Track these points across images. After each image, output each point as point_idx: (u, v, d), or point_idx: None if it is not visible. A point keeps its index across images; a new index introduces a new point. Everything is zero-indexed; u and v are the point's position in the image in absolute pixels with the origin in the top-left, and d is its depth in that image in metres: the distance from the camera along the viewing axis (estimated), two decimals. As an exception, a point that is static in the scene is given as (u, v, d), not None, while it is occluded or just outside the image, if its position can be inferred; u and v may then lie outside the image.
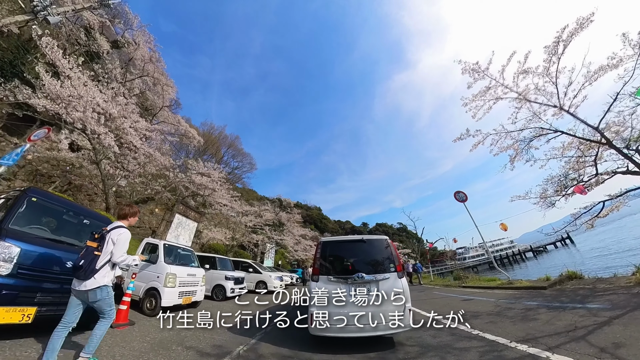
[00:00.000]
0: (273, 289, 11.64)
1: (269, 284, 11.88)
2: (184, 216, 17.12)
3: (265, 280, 12.00)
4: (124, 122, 10.94)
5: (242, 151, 40.55)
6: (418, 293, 10.99)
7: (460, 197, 11.96)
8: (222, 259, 10.80)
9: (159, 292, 6.09)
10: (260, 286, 12.03)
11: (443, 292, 10.33)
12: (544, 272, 9.85)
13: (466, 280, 12.38)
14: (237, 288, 9.79)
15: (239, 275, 10.26)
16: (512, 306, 6.31)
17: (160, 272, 6.38)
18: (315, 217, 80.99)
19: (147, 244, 7.15)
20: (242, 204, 22.34)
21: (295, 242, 38.54)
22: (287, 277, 15.69)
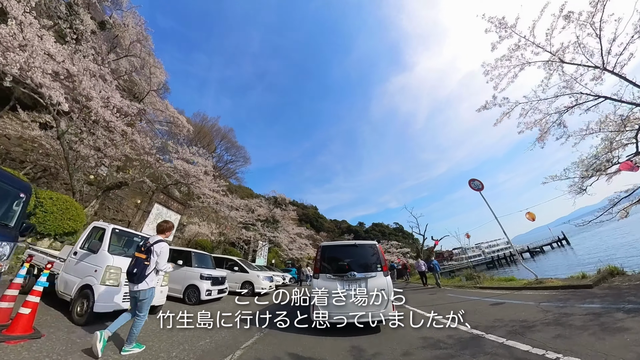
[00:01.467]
0: (261, 291, 10.03)
1: (256, 285, 10.24)
2: (164, 206, 15.37)
3: (251, 281, 10.36)
4: (90, 86, 9.14)
5: (235, 144, 38.70)
6: (430, 296, 9.50)
7: (475, 185, 10.54)
8: (199, 254, 9.13)
9: (92, 292, 4.42)
10: (247, 287, 10.38)
11: (460, 295, 8.85)
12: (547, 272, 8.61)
13: (481, 280, 10.95)
14: (215, 289, 8.13)
15: (219, 274, 8.60)
16: (567, 311, 4.84)
17: (99, 264, 4.72)
18: (312, 216, 79.50)
19: (94, 228, 5.50)
20: (234, 197, 20.60)
21: (290, 241, 36.82)
22: (279, 277, 14.04)
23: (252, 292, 10.13)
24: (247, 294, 10.22)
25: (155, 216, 14.75)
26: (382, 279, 4.66)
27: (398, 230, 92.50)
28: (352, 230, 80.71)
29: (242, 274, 10.66)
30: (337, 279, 4.65)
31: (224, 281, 8.87)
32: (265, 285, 10.37)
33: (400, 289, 4.92)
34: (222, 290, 8.63)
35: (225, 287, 8.85)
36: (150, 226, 14.32)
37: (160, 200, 15.11)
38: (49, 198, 8.91)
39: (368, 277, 4.64)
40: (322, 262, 4.92)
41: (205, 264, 9.11)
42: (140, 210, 14.13)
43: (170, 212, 15.69)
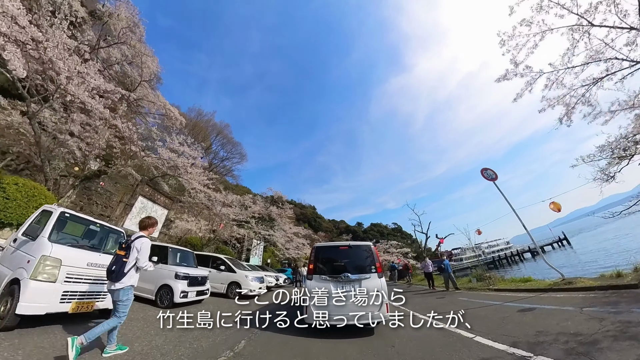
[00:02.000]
0: (249, 293, 8.91)
1: (244, 286, 9.11)
2: (150, 200, 14.18)
3: (238, 281, 9.21)
4: (56, 56, 8.00)
5: (232, 140, 37.45)
6: (438, 300, 8.41)
7: (488, 174, 9.48)
8: (178, 250, 8.00)
9: (19, 287, 3.41)
10: (233, 289, 9.24)
11: (474, 299, 7.77)
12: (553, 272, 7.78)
13: (493, 281, 9.89)
14: (192, 291, 7.00)
15: (198, 273, 7.47)
16: (628, 318, 3.78)
17: (34, 253, 3.69)
18: (310, 216, 78.50)
19: (44, 212, 4.49)
20: (227, 193, 19.43)
21: (287, 240, 35.66)
22: (271, 277, 12.88)
23: (239, 294, 8.99)
24: (234, 295, 9.09)
25: (139, 210, 13.57)
26: (377, 281, 4.58)
27: (396, 231, 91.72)
28: (351, 231, 79.73)
29: (229, 274, 9.52)
30: (331, 280, 4.59)
31: (205, 282, 7.74)
32: (254, 286, 9.24)
33: (400, 290, 4.68)
34: (202, 291, 7.50)
35: (206, 289, 7.72)
36: (133, 220, 13.16)
37: (145, 193, 13.94)
38: (13, 184, 7.81)
39: (362, 279, 4.56)
40: (316, 263, 4.87)
41: (186, 262, 8.00)
42: (122, 203, 12.95)
43: (156, 206, 14.52)
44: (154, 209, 14.37)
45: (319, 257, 4.98)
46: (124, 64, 18.84)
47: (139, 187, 13.69)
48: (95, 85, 9.91)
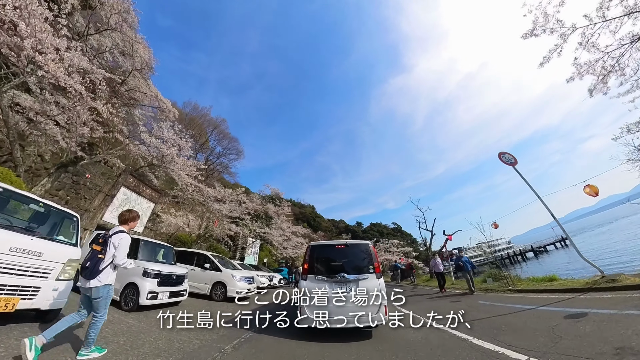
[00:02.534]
0: (235, 295, 7.79)
1: (230, 287, 7.96)
2: (134, 192, 13.00)
3: (224, 282, 8.06)
4: (18, 16, 6.88)
5: (228, 135, 36.24)
6: (454, 304, 7.30)
7: (507, 159, 8.39)
8: (152, 243, 6.87)
9: None
10: (218, 289, 8.10)
11: (496, 302, 6.68)
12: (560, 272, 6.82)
13: (513, 281, 8.80)
14: (164, 292, 5.87)
15: (173, 271, 6.34)
16: None
17: None
18: (309, 215, 77.43)
19: None
20: (219, 187, 18.26)
21: (285, 239, 34.51)
22: (264, 277, 11.74)
23: (224, 295, 7.86)
24: (218, 297, 7.95)
25: (121, 202, 12.42)
26: (375, 281, 4.39)
27: (396, 231, 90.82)
28: (350, 230, 78.71)
29: (214, 273, 8.38)
30: (327, 280, 4.40)
31: (182, 281, 6.60)
32: (241, 287, 8.09)
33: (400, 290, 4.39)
34: (177, 292, 6.36)
35: (183, 289, 6.58)
36: (114, 213, 12.00)
37: (129, 184, 12.78)
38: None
39: (360, 279, 4.37)
40: (312, 263, 4.66)
41: (163, 258, 6.89)
42: (101, 193, 11.78)
43: (141, 198, 13.35)
44: (138, 201, 13.22)
45: (315, 256, 4.73)
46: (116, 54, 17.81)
47: (121, 177, 12.53)
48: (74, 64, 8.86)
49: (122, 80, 18.35)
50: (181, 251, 9.75)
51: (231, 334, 4.53)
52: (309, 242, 32.08)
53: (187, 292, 6.84)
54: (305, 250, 5.00)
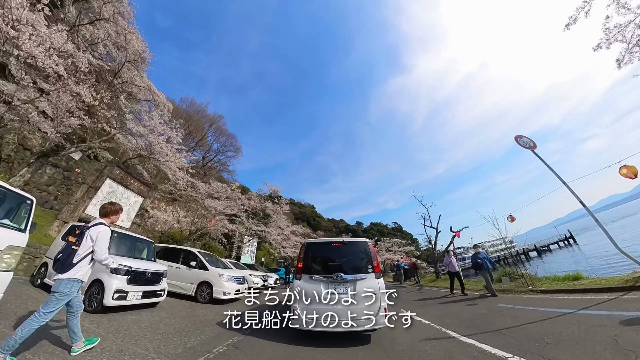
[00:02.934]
0: (222, 296, 6.93)
1: (216, 288, 7.08)
2: (120, 184, 12.14)
3: (210, 281, 7.18)
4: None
5: (226, 132, 35.37)
6: (469, 308, 6.44)
7: (524, 142, 7.54)
8: (127, 236, 6.04)
9: None
10: (204, 290, 7.22)
11: (521, 304, 5.82)
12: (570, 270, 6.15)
13: (532, 280, 7.93)
14: (136, 291, 5.02)
15: (148, 268, 5.49)
16: None
17: None
18: (309, 215, 76.76)
19: None
20: (213, 181, 17.38)
21: (283, 238, 33.65)
22: (257, 277, 10.86)
23: (210, 297, 6.99)
24: (204, 299, 7.08)
25: (106, 195, 11.57)
26: (374, 281, 4.07)
27: (397, 230, 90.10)
28: (350, 230, 77.94)
29: (200, 272, 7.51)
30: (322, 280, 4.08)
31: (159, 280, 5.74)
32: (230, 288, 7.20)
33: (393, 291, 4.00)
34: (154, 292, 5.50)
35: (160, 289, 5.72)
36: (99, 207, 11.14)
37: (116, 176, 11.93)
38: None
39: (358, 279, 4.06)
40: (306, 261, 4.37)
41: (139, 253, 6.05)
42: (84, 185, 10.93)
43: (128, 192, 12.50)
44: (125, 195, 12.36)
45: (309, 254, 4.42)
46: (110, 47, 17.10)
47: (107, 169, 11.68)
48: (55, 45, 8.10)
49: (116, 72, 17.61)
50: (167, 248, 8.91)
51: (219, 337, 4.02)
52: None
53: (166, 292, 5.97)
54: (300, 247, 4.65)
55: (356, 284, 3.96)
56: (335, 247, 4.56)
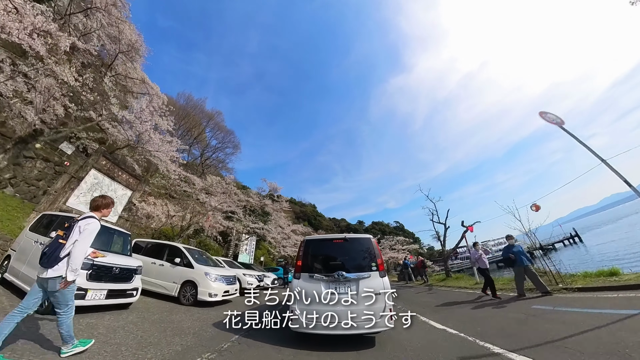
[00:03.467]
0: (208, 298, 6.02)
1: (201, 288, 6.14)
2: (107, 176, 11.26)
3: (194, 281, 6.27)
4: None
5: (224, 127, 34.46)
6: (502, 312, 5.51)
7: (551, 118, 6.62)
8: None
9: None
10: (187, 291, 6.31)
11: (565, 306, 4.90)
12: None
13: (562, 278, 7.00)
14: (96, 289, 4.13)
15: (116, 263, 4.59)
16: None
17: None
18: (310, 214, 76.03)
19: None
20: (208, 175, 16.48)
21: (283, 237, 32.76)
22: (252, 277, 9.91)
23: (194, 298, 6.08)
24: (187, 300, 6.17)
25: (91, 187, 10.71)
26: (378, 280, 3.78)
27: (398, 229, 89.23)
28: (352, 229, 77.06)
29: (184, 270, 6.59)
30: (322, 280, 3.80)
31: (131, 277, 4.84)
32: (217, 289, 6.25)
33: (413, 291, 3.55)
34: (123, 292, 4.61)
35: (133, 288, 4.82)
36: (82, 198, 10.33)
37: (102, 167, 11.05)
38: None
39: (361, 278, 3.78)
40: (306, 259, 4.08)
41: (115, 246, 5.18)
42: (66, 174, 10.06)
43: (115, 184, 11.62)
44: (112, 187, 11.48)
45: (309, 252, 4.20)
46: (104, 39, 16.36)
47: (92, 158, 10.82)
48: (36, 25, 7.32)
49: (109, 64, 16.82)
50: (151, 243, 8.02)
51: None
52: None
53: (139, 292, 5.07)
54: (299, 245, 4.40)
55: (359, 283, 3.72)
56: (337, 244, 4.30)
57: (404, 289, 12.62)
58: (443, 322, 4.51)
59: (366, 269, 3.89)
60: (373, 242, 4.15)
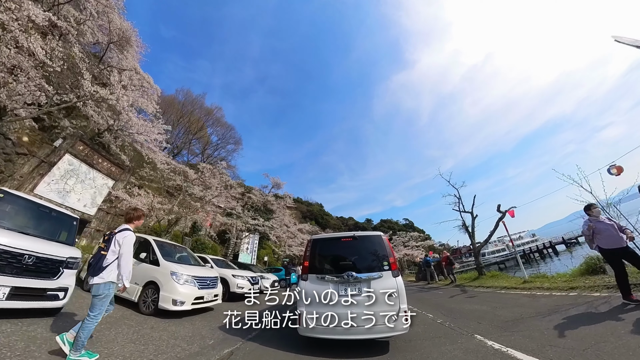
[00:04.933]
0: (171, 307, 4.44)
1: (164, 293, 4.55)
2: (84, 163, 9.96)
3: (158, 282, 4.72)
4: None
5: (225, 123, 33.31)
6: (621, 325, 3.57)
7: (629, 40, 4.76)
8: (28, 202, 3.75)
9: None
10: (149, 295, 4.75)
11: None
12: None
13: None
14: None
15: (30, 250, 3.15)
16: None
17: None
18: (317, 213, 74.74)
19: None
20: (205, 168, 15.06)
21: (289, 236, 31.26)
22: (243, 279, 8.17)
23: (156, 305, 4.51)
24: (148, 308, 4.62)
25: (65, 173, 9.41)
26: (391, 280, 3.54)
27: (408, 227, 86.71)
28: (360, 227, 75.19)
29: (149, 268, 5.07)
30: (331, 280, 3.61)
31: (56, 273, 3.41)
32: (184, 294, 4.64)
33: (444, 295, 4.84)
34: (40, 292, 3.17)
35: (57, 288, 3.38)
36: (53, 186, 9.04)
37: (78, 152, 9.77)
38: None
39: (372, 279, 3.56)
40: (313, 260, 3.91)
41: (45, 231, 3.74)
42: (34, 158, 8.78)
43: (94, 172, 10.31)
44: (90, 175, 10.17)
45: (316, 251, 3.96)
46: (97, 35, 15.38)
47: (66, 142, 9.51)
48: None
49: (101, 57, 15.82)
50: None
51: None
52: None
53: (69, 294, 3.58)
54: (306, 244, 4.23)
55: (370, 284, 3.54)
56: (346, 243, 4.08)
57: (429, 292, 10.50)
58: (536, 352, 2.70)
59: (378, 269, 3.66)
60: (384, 240, 3.90)
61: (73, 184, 9.47)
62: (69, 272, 3.72)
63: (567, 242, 51.43)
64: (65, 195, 9.15)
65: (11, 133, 10.21)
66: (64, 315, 3.71)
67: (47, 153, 9.24)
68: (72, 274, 3.77)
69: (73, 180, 9.53)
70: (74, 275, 3.82)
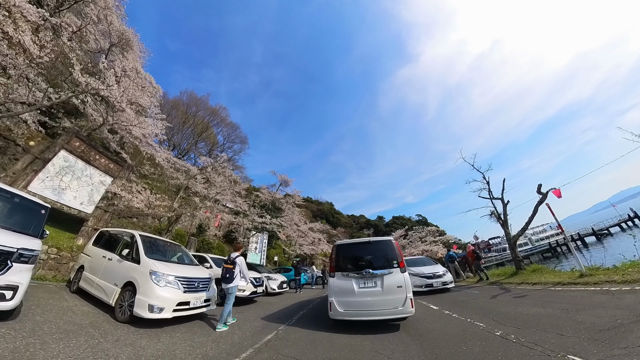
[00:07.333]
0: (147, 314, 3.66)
1: (140, 297, 3.77)
2: (81, 159, 9.50)
3: (135, 283, 3.95)
4: None
5: (230, 123, 33.01)
6: None
7: None
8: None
9: None
10: (127, 298, 4.00)
11: None
12: None
13: None
14: None
15: None
16: None
17: None
18: (327, 212, 73.79)
19: None
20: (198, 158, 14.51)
21: (300, 235, 30.52)
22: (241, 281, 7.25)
23: (131, 311, 3.75)
24: (123, 314, 3.88)
25: (60, 170, 8.97)
26: (400, 276, 4.56)
27: (421, 223, 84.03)
28: (371, 225, 73.58)
29: (129, 267, 4.34)
30: (353, 276, 4.67)
31: (1, 266, 2.65)
32: (163, 298, 3.86)
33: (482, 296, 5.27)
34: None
35: (3, 286, 2.65)
36: (48, 183, 8.62)
37: (74, 149, 9.34)
38: None
39: (385, 274, 4.58)
40: (337, 261, 4.97)
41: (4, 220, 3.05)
42: (29, 155, 8.39)
43: (91, 169, 9.85)
44: (86, 172, 9.71)
45: (340, 254, 5.05)
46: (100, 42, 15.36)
47: (62, 138, 9.10)
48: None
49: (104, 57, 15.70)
50: (114, 232, 5.92)
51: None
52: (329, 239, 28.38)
53: (19, 293, 2.85)
54: (332, 249, 5.27)
55: (384, 278, 4.51)
56: (363, 246, 5.19)
57: (460, 291, 8.58)
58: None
59: (389, 266, 4.62)
60: (394, 243, 4.94)
61: (69, 181, 9.04)
62: (21, 267, 3.00)
63: (597, 233, 47.60)
64: (60, 192, 8.71)
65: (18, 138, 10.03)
66: (24, 318, 2.94)
67: (41, 149, 8.86)
68: (25, 269, 3.05)
69: (69, 177, 9.10)
70: (28, 272, 3.11)
